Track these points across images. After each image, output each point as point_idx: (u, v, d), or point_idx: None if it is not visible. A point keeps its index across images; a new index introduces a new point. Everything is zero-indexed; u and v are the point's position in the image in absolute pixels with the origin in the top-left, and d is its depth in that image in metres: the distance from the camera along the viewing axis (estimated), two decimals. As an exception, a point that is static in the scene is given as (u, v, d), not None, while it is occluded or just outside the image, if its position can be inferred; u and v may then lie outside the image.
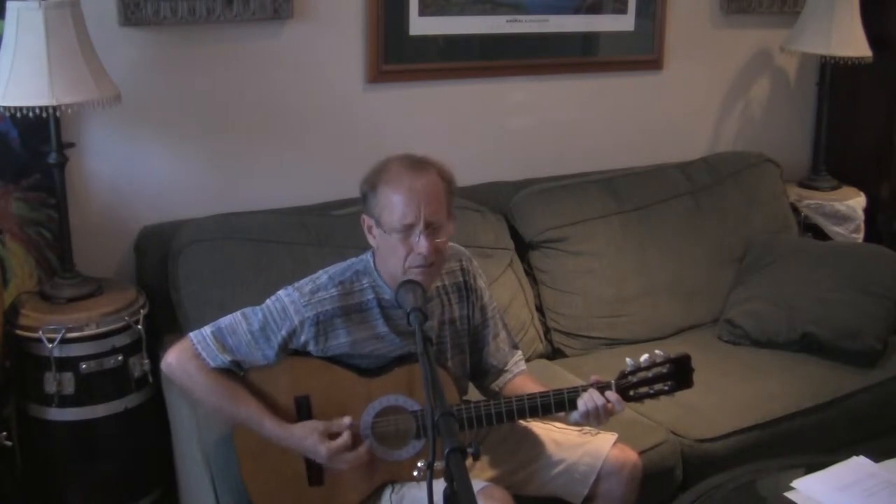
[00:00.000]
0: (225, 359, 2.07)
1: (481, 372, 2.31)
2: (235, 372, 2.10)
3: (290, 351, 2.12)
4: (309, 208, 2.95)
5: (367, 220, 2.10)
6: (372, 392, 2.10)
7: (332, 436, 2.05)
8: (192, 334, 2.11)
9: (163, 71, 2.80)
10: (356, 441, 2.07)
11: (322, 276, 2.14)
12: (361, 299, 2.12)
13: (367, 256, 2.15)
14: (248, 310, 2.12)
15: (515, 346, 2.36)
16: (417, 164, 2.06)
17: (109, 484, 2.62)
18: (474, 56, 3.26)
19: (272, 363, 2.10)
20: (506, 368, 2.30)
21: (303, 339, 2.09)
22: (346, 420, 2.06)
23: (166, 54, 2.79)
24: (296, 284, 2.12)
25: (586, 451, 2.21)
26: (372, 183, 2.06)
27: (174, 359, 2.10)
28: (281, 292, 2.12)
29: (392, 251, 2.04)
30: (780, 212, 3.58)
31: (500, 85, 3.34)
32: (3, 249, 2.70)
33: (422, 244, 2.00)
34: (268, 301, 2.12)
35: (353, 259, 2.17)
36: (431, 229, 2.02)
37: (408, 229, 2.01)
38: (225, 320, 2.11)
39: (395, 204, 2.01)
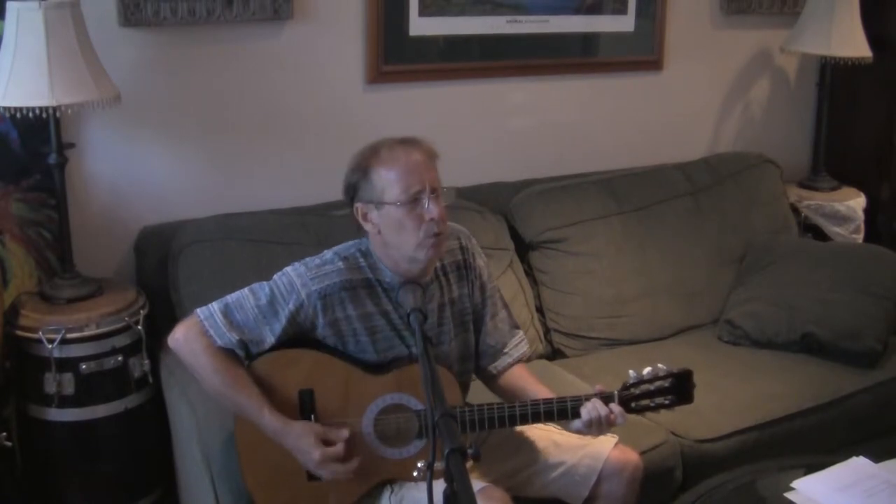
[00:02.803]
0: (232, 337, 2.07)
1: (478, 352, 2.30)
2: (240, 359, 2.10)
3: (298, 329, 2.11)
4: (309, 208, 2.95)
5: (361, 209, 2.10)
6: (376, 389, 2.10)
7: (328, 443, 2.04)
8: (199, 310, 2.10)
9: (163, 71, 2.80)
10: (349, 454, 2.05)
11: (328, 252, 2.15)
12: (365, 275, 2.12)
13: (366, 240, 2.15)
14: (255, 285, 2.12)
15: (516, 327, 2.35)
16: (407, 141, 2.09)
17: (109, 484, 2.62)
18: (474, 56, 3.26)
19: (278, 339, 2.08)
20: (504, 350, 2.30)
21: (310, 312, 2.08)
22: (344, 432, 2.06)
23: (166, 55, 2.79)
24: (303, 260, 2.13)
25: (587, 452, 2.21)
26: (364, 168, 2.07)
27: (182, 335, 2.10)
28: (288, 268, 2.13)
29: (400, 228, 2.04)
30: (780, 212, 3.58)
31: (500, 85, 3.34)
32: (3, 250, 2.70)
33: (432, 209, 2.02)
34: (275, 276, 2.13)
35: (356, 240, 2.18)
36: (436, 195, 2.03)
37: (415, 199, 2.02)
38: (232, 296, 2.11)
39: (396, 179, 2.02)
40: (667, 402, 2.14)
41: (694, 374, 2.16)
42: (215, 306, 2.10)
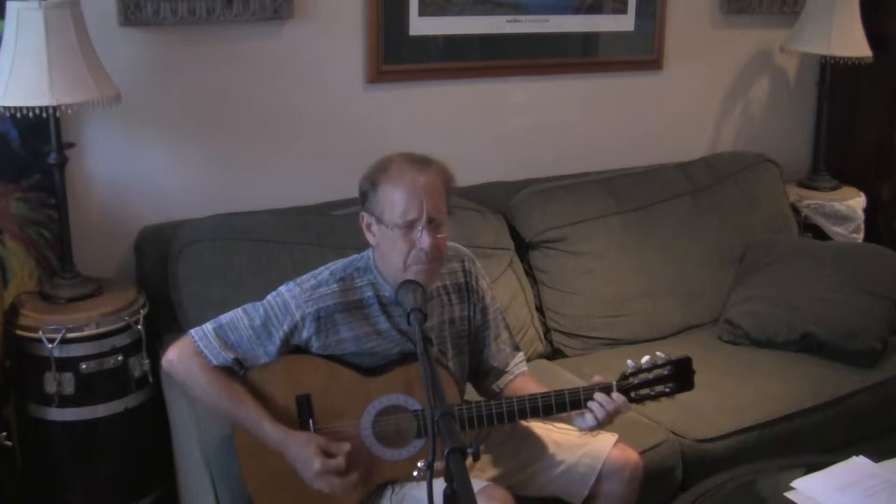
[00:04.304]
0: (227, 356, 2.07)
1: (482, 373, 2.31)
2: (236, 371, 2.10)
3: (293, 347, 2.11)
4: (309, 208, 2.95)
5: (366, 218, 2.10)
6: (373, 391, 2.10)
7: (329, 455, 2.04)
8: (193, 331, 2.11)
9: (163, 71, 2.80)
10: (349, 468, 2.05)
11: (324, 271, 2.14)
12: (362, 296, 2.12)
13: (369, 253, 2.16)
14: (248, 305, 2.11)
15: (517, 348, 2.35)
16: (420, 161, 2.07)
17: (109, 484, 2.62)
18: (474, 56, 3.26)
19: (273, 359, 2.09)
20: (507, 370, 2.30)
21: (304, 334, 2.09)
22: (346, 446, 2.05)
23: (166, 54, 2.79)
24: (297, 280, 2.13)
25: (586, 451, 2.21)
26: (373, 180, 2.06)
27: (175, 356, 2.10)
28: (282, 287, 2.12)
29: (393, 248, 2.04)
30: (780, 212, 3.58)
31: (500, 85, 3.34)
32: (3, 249, 2.70)
33: (424, 240, 2.01)
34: (269, 296, 2.12)
35: (355, 255, 2.18)
36: (433, 225, 2.02)
37: (410, 225, 2.01)
38: (226, 317, 2.11)
39: (397, 200, 2.01)
40: (667, 389, 2.13)
41: (692, 360, 2.15)
42: (209, 327, 2.10)
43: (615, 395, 2.09)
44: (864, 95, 3.91)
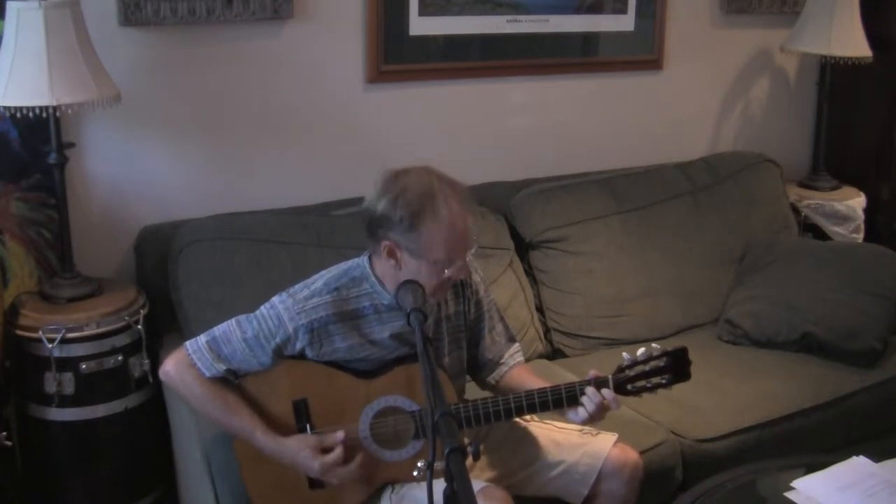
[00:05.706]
0: (220, 368, 2.07)
1: (478, 366, 2.31)
2: (231, 382, 2.10)
3: (285, 357, 2.11)
4: (309, 208, 2.95)
5: (391, 246, 2.01)
6: (370, 393, 2.10)
7: (326, 450, 2.04)
8: (187, 343, 2.11)
9: (163, 71, 2.80)
10: (349, 455, 2.05)
11: (318, 280, 2.12)
12: (357, 306, 2.10)
13: (364, 262, 2.13)
14: (242, 317, 2.10)
15: (512, 339, 2.35)
16: (460, 194, 2.03)
17: (109, 484, 2.62)
18: (474, 56, 3.26)
19: (268, 368, 2.09)
20: (501, 361, 2.30)
21: (298, 345, 2.08)
22: (340, 435, 2.05)
23: (166, 54, 2.79)
24: (290, 290, 2.11)
25: (586, 451, 2.21)
26: (413, 215, 1.97)
27: (172, 367, 2.11)
28: (275, 298, 2.10)
29: (418, 274, 2.00)
30: (780, 212, 3.58)
31: (500, 85, 3.34)
32: (3, 249, 2.70)
33: (459, 273, 2.06)
34: (262, 308, 2.11)
35: (350, 263, 2.15)
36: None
37: (451, 263, 2.03)
38: (219, 329, 2.10)
39: (444, 240, 1.99)
40: (664, 381, 2.12)
41: (688, 351, 2.15)
42: (202, 339, 2.10)
43: (604, 391, 2.08)
44: (864, 95, 3.91)
